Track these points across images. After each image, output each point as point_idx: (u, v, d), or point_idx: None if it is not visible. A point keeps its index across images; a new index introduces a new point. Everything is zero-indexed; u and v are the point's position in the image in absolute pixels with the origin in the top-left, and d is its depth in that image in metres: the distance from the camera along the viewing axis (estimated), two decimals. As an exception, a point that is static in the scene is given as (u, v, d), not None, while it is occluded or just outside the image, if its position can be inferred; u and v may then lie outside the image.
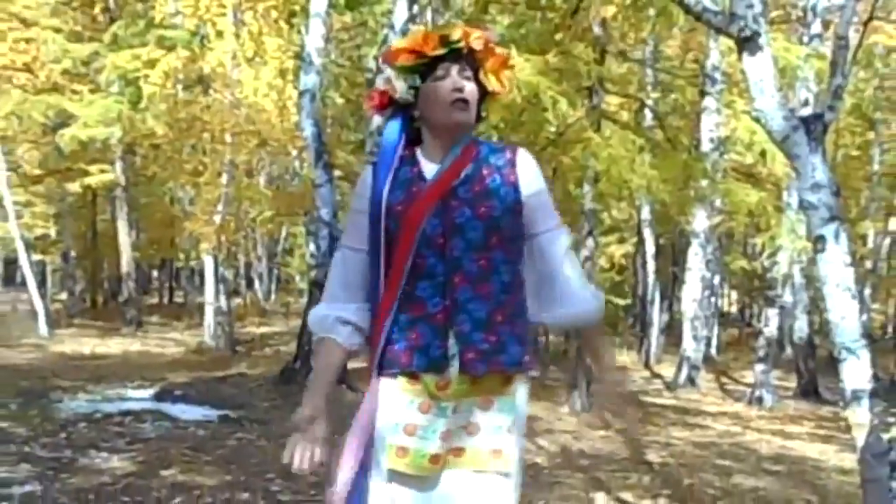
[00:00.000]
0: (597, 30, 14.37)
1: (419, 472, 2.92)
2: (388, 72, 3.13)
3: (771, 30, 5.06)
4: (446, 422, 2.94)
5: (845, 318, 4.40)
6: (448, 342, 2.92)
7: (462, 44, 2.99)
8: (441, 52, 2.99)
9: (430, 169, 3.02)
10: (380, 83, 3.25)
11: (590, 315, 3.13)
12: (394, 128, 3.12)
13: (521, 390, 3.05)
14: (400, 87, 3.12)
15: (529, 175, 3.07)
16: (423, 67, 3.02)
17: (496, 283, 2.98)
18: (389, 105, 3.14)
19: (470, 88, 3.00)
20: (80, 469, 7.75)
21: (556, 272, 3.08)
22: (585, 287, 3.13)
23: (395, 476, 2.95)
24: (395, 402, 2.97)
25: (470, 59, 3.03)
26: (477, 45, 3.00)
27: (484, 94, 3.10)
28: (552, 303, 3.09)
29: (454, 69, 2.99)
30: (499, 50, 3.12)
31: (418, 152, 3.08)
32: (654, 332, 26.15)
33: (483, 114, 3.19)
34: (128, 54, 19.64)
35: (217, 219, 20.47)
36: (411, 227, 2.93)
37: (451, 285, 2.94)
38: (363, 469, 3.03)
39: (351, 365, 6.47)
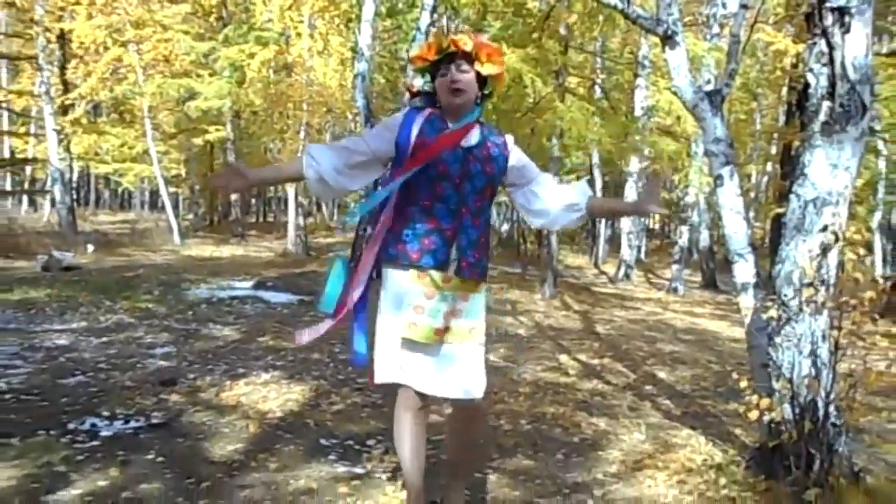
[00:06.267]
0: (562, 30, 14.23)
1: (426, 341, 2.98)
2: (411, 71, 3.20)
3: (684, 30, 4.98)
4: (446, 305, 3.02)
5: (736, 232, 4.37)
6: (451, 251, 3.02)
7: (452, 48, 3.04)
8: (437, 56, 3.07)
9: (451, 126, 3.06)
10: (408, 80, 3.32)
11: (588, 195, 3.19)
12: (424, 102, 3.18)
13: (484, 291, 3.17)
14: (418, 83, 3.20)
15: (516, 151, 3.20)
16: (431, 68, 3.11)
17: (483, 219, 3.13)
18: (418, 94, 3.24)
19: (466, 79, 3.05)
20: (202, 336, 7.78)
21: (553, 192, 3.19)
22: (573, 189, 3.21)
23: (406, 343, 3.01)
24: (406, 288, 3.02)
25: (467, 57, 3.05)
26: (467, 46, 3.04)
27: (483, 78, 3.12)
28: (565, 209, 3.17)
29: (453, 67, 3.04)
30: (490, 43, 3.13)
31: (445, 115, 3.11)
32: (601, 242, 26.27)
33: (488, 91, 3.21)
34: (235, 49, 19.90)
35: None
36: (436, 147, 2.97)
37: (459, 213, 3.03)
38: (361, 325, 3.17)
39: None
